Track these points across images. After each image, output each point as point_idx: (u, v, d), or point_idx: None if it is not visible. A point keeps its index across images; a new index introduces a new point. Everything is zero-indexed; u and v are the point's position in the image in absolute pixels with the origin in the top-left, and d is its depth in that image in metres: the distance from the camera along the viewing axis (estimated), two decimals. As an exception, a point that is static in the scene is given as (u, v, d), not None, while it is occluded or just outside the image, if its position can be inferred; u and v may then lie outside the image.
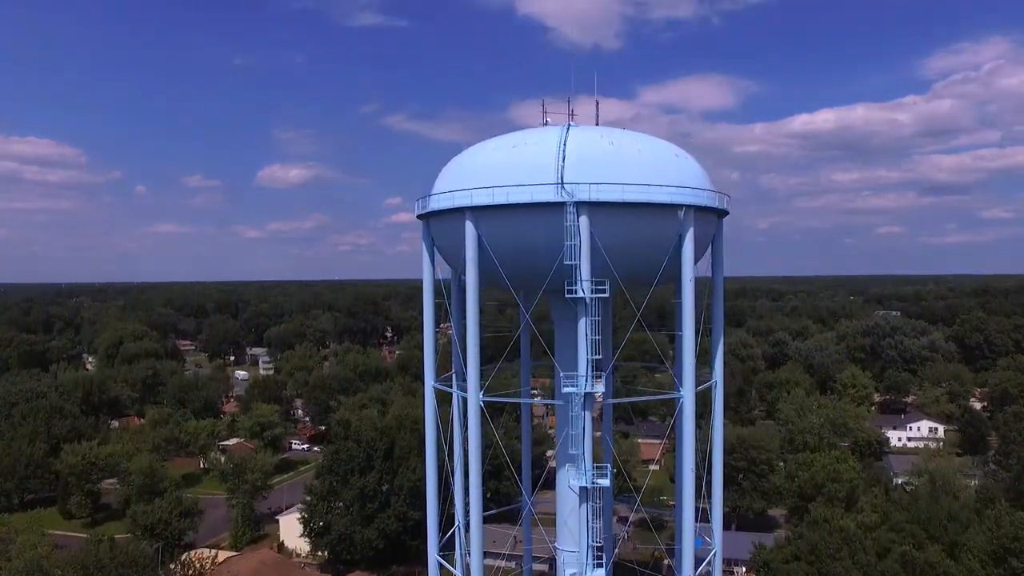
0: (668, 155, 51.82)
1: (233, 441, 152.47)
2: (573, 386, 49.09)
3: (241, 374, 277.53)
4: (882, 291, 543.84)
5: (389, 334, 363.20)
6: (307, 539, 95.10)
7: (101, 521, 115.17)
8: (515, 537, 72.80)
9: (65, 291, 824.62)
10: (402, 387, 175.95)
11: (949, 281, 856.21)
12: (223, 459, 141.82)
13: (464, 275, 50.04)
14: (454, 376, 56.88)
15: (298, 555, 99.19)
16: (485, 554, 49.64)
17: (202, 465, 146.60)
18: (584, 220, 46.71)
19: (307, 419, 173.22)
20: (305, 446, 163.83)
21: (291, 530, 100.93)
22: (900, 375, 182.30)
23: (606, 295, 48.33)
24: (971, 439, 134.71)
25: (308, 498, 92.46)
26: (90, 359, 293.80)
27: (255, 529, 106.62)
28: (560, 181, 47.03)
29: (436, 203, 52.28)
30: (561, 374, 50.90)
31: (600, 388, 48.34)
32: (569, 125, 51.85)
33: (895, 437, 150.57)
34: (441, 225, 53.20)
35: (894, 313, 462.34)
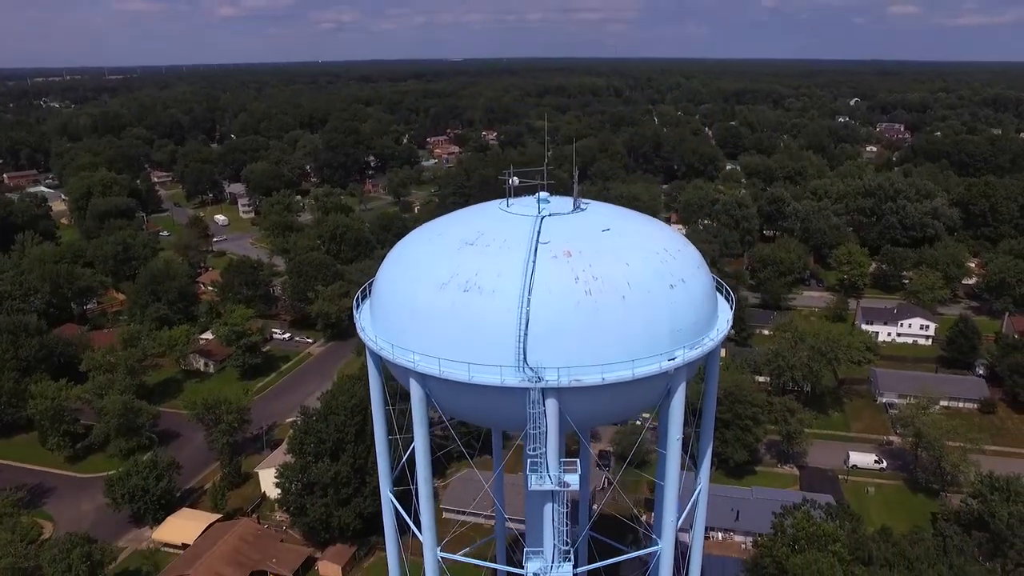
0: (662, 288, 41.24)
1: (211, 336, 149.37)
2: (540, 560, 44.56)
3: (220, 218, 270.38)
4: (888, 98, 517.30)
5: (372, 160, 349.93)
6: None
7: (82, 454, 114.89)
8: None
9: (31, 90, 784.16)
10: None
11: (962, 76, 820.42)
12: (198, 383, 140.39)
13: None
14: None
15: (279, 513, 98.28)
16: None
17: (182, 366, 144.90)
18: (552, 403, 39.21)
19: (285, 300, 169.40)
20: (287, 335, 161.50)
21: (272, 482, 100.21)
22: (897, 251, 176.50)
23: (576, 488, 41.93)
24: (961, 348, 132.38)
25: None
26: (62, 196, 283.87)
27: (236, 474, 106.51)
28: (522, 359, 38.52)
29: (375, 346, 43.93)
30: (527, 549, 46.01)
31: (568, 571, 43.48)
32: (538, 241, 41.47)
33: (884, 333, 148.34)
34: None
35: (898, 126, 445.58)
